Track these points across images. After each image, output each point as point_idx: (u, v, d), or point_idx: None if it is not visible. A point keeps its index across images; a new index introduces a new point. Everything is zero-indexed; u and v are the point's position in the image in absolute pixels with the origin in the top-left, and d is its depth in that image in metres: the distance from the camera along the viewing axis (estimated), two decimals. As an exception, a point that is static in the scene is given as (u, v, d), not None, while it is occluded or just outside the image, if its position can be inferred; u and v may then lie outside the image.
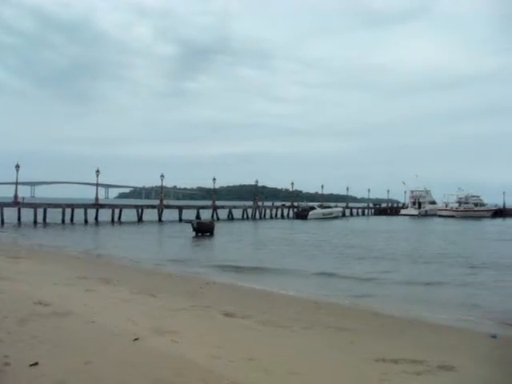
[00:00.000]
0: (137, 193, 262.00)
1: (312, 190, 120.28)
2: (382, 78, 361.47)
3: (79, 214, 58.74)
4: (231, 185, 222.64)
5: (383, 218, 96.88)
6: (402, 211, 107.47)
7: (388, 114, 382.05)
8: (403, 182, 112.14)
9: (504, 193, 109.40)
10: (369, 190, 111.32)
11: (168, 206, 70.37)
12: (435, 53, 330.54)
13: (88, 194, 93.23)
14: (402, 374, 7.09)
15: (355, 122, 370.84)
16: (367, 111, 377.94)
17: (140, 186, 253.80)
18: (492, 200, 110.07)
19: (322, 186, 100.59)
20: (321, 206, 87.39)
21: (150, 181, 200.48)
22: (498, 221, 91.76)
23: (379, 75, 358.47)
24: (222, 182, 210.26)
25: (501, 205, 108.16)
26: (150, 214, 65.61)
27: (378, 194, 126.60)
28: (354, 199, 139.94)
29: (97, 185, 67.54)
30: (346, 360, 7.75)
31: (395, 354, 8.06)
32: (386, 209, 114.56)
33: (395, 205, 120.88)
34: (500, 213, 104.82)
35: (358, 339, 9.60)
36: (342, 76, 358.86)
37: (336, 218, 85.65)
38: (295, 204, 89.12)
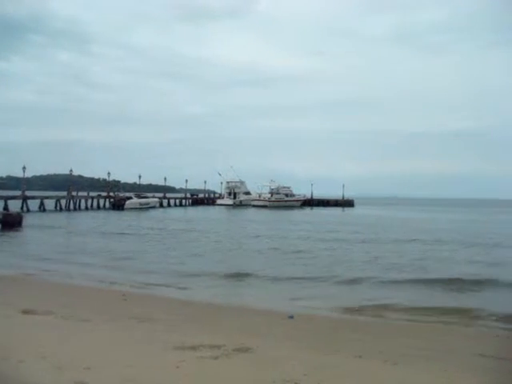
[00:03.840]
0: None
1: (131, 180, 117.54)
2: (205, 70, 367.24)
3: None
4: (45, 174, 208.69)
5: (200, 208, 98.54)
6: (218, 201, 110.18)
7: (207, 106, 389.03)
8: (219, 173, 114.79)
9: (312, 184, 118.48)
10: (186, 181, 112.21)
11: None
12: (254, 50, 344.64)
13: None
14: (199, 359, 7.19)
15: (176, 112, 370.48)
16: (188, 102, 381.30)
17: None
18: (301, 190, 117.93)
19: (140, 176, 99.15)
20: (138, 196, 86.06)
21: None
22: (307, 210, 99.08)
23: (202, 68, 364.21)
24: (35, 170, 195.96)
25: (309, 195, 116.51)
26: None
27: (196, 184, 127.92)
28: (173, 189, 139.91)
29: None
30: (144, 350, 7.63)
31: (195, 341, 8.15)
32: (203, 199, 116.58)
33: (212, 195, 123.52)
34: (308, 202, 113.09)
35: (161, 329, 9.57)
36: (164, 66, 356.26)
37: (154, 208, 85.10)
38: (112, 194, 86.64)
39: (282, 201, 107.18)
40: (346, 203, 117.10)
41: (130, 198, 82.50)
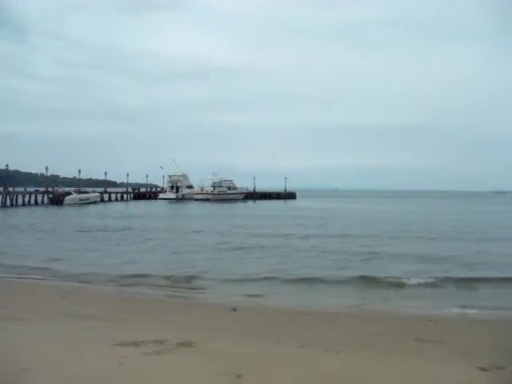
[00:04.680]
0: None
1: (70, 175, 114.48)
2: (146, 63, 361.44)
3: None
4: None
5: (142, 202, 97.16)
6: (161, 195, 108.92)
7: (148, 99, 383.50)
8: (161, 167, 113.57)
9: (254, 177, 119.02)
10: (128, 175, 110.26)
11: None
12: (195, 43, 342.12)
13: None
14: (142, 355, 7.11)
15: (116, 106, 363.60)
16: (128, 94, 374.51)
17: None
18: (243, 184, 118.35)
19: (80, 171, 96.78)
20: (77, 192, 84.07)
21: None
22: (250, 203, 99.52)
23: (142, 60, 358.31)
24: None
25: (251, 188, 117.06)
26: None
27: (138, 178, 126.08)
28: (114, 184, 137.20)
29: None
30: (85, 348, 7.49)
31: (138, 337, 8.06)
32: (145, 193, 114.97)
33: (154, 189, 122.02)
34: (251, 195, 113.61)
35: (103, 326, 9.41)
36: (104, 58, 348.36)
37: (94, 203, 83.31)
38: (50, 189, 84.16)
39: (225, 194, 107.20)
40: (288, 196, 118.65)
41: (69, 193, 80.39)
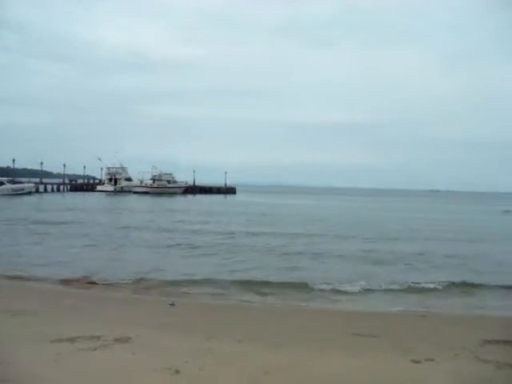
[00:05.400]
0: None
1: (4, 165, 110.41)
2: (88, 52, 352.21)
3: None
4: None
5: (79, 194, 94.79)
6: (99, 187, 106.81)
7: (89, 89, 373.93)
8: (99, 158, 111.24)
9: (194, 171, 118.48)
10: (64, 166, 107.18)
11: None
12: (140, 34, 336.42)
13: None
14: (78, 351, 7.00)
15: (56, 94, 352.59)
16: (69, 84, 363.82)
17: None
18: (183, 177, 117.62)
19: (14, 160, 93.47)
20: (11, 182, 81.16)
21: None
22: (189, 197, 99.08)
23: (85, 49, 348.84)
24: None
25: (191, 182, 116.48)
26: None
27: (75, 169, 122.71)
28: (50, 175, 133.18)
29: None
30: (19, 345, 7.29)
31: (73, 333, 7.91)
32: (83, 185, 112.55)
33: (92, 181, 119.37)
34: (191, 190, 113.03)
35: (37, 322, 9.14)
36: (45, 45, 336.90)
37: (29, 194, 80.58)
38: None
39: (165, 187, 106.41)
40: (229, 190, 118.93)
41: (2, 183, 77.39)
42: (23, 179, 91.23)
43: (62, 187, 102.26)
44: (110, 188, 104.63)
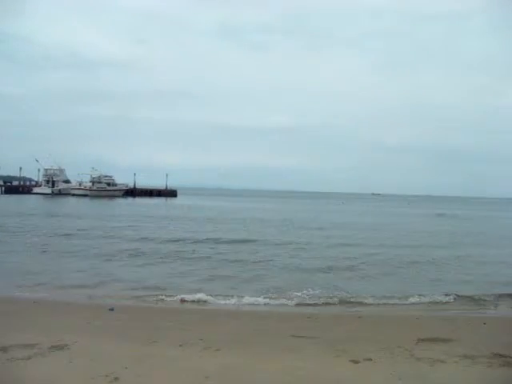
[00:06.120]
0: None
1: None
2: (21, 47, 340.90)
3: None
4: None
5: (15, 196, 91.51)
6: (35, 189, 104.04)
7: (21, 87, 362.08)
8: (36, 160, 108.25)
9: (135, 174, 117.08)
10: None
11: None
12: (76, 33, 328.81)
13: None
14: (10, 361, 6.75)
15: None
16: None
17: None
18: (124, 180, 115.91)
19: None
20: None
21: None
22: (130, 200, 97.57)
23: (17, 44, 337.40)
24: None
25: (132, 185, 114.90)
26: None
27: (10, 171, 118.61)
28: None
29: None
30: None
31: (5, 342, 7.61)
32: (18, 187, 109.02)
33: (28, 183, 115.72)
34: (131, 192, 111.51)
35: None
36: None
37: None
38: None
39: (104, 190, 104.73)
40: (169, 193, 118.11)
41: None
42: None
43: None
44: (48, 190, 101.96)
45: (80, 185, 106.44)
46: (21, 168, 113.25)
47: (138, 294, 14.62)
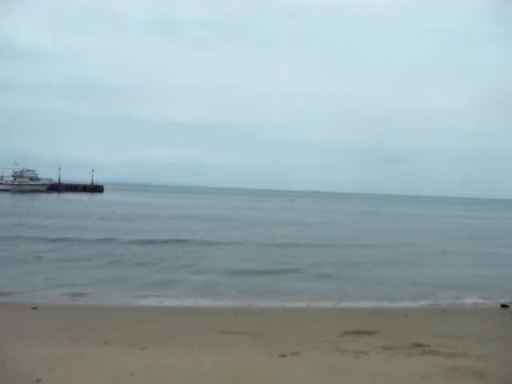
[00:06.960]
0: None
1: None
2: None
3: None
4: None
5: None
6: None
7: None
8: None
9: (60, 168, 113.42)
10: None
11: None
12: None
13: None
14: None
15: None
16: None
17: None
18: (47, 174, 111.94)
19: None
20: None
21: None
22: (54, 195, 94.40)
23: None
24: None
25: (56, 180, 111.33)
26: None
27: None
28: None
29: None
30: None
31: None
32: None
33: None
34: (55, 187, 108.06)
35: None
36: None
37: None
38: None
39: (27, 185, 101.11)
40: (95, 189, 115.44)
41: None
42: None
43: None
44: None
45: (1, 179, 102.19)
46: None
47: (62, 292, 14.27)
